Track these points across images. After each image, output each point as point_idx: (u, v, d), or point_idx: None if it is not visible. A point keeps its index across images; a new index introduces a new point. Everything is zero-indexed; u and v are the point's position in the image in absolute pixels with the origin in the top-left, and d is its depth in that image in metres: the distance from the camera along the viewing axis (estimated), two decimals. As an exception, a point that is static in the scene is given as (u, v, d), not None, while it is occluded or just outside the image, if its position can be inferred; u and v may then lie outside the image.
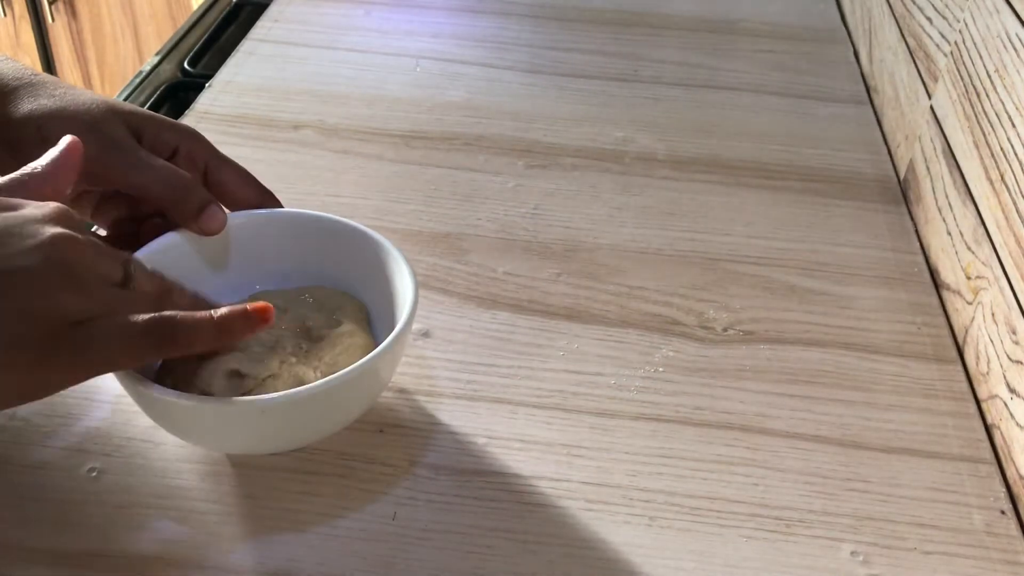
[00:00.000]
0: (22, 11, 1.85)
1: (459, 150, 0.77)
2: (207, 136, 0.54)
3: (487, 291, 0.63)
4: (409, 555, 0.46)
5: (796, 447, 0.53)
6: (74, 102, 0.50)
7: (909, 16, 0.81)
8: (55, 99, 0.50)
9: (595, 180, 0.74)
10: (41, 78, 0.52)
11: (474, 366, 0.57)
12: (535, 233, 0.68)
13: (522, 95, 0.85)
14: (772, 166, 0.77)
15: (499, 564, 0.46)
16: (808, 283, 0.65)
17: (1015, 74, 0.58)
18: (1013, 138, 0.58)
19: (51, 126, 0.49)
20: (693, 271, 0.66)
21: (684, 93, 0.87)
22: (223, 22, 0.98)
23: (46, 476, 0.49)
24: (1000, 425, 0.54)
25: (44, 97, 0.50)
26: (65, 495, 0.48)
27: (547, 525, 0.48)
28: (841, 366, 0.59)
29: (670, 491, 0.50)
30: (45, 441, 0.51)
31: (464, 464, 0.51)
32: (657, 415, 0.55)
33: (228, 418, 0.45)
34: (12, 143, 0.50)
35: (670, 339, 0.60)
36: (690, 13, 1.01)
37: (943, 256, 0.66)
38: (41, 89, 0.51)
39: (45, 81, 0.52)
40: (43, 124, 0.49)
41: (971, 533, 0.49)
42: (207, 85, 0.83)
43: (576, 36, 0.95)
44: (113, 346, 0.40)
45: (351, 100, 0.82)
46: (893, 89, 0.82)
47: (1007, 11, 0.61)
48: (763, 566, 0.47)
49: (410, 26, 0.95)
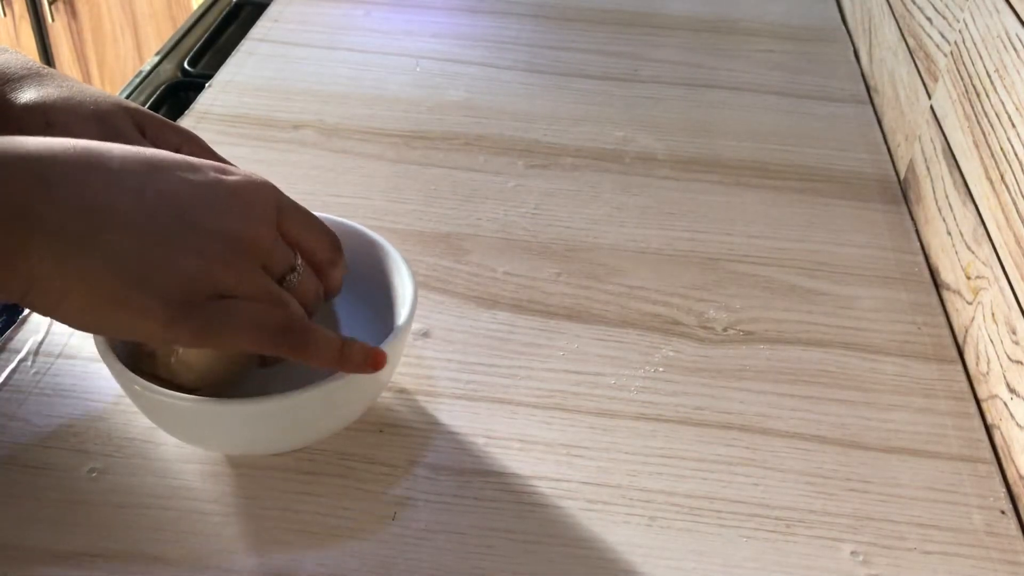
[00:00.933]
0: (22, 11, 1.85)
1: (459, 150, 0.77)
2: (207, 136, 0.54)
3: (487, 291, 0.63)
4: (409, 555, 0.46)
5: (796, 447, 0.53)
6: (81, 93, 0.50)
7: (909, 16, 0.81)
8: (63, 89, 0.50)
9: (595, 180, 0.74)
10: (48, 70, 0.52)
11: (474, 366, 0.57)
12: (535, 233, 0.68)
13: (522, 95, 0.85)
14: (772, 166, 0.77)
15: (499, 564, 0.46)
16: (808, 283, 0.65)
17: (1015, 74, 0.58)
18: (1013, 138, 0.58)
19: (58, 115, 0.49)
20: (693, 271, 0.66)
21: (684, 93, 0.87)
22: (223, 22, 0.98)
23: (46, 476, 0.49)
24: (1000, 425, 0.54)
25: (51, 87, 0.50)
26: (65, 495, 0.48)
27: (547, 525, 0.48)
28: (841, 366, 0.59)
29: (670, 491, 0.50)
30: (45, 441, 0.51)
31: (464, 464, 0.51)
32: (657, 415, 0.55)
33: (227, 419, 0.45)
34: (18, 131, 0.50)
35: (670, 339, 0.60)
36: (690, 13, 1.01)
37: (943, 256, 0.66)
38: (49, 80, 0.51)
39: (53, 73, 0.52)
40: (49, 112, 0.49)
41: (971, 533, 0.49)
42: (207, 85, 0.83)
43: (576, 36, 0.95)
44: (243, 332, 0.41)
45: (351, 100, 0.82)
46: (893, 89, 0.82)
47: (1007, 11, 0.61)
48: (763, 566, 0.47)
49: (410, 26, 0.95)
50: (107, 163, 0.39)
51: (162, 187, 0.40)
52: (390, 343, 0.46)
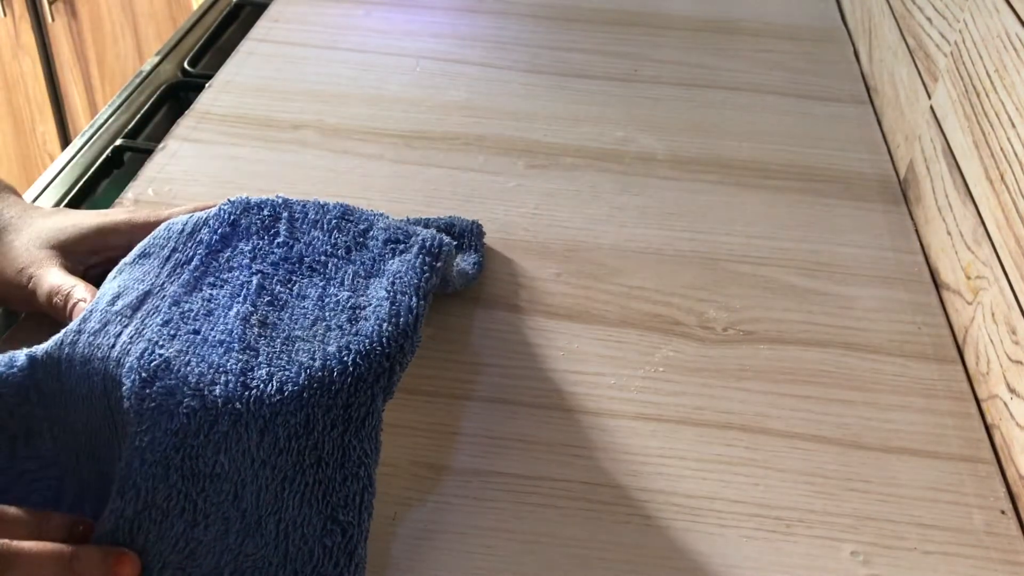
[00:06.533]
0: (22, 11, 1.85)
1: (459, 150, 0.77)
2: (207, 136, 0.53)
3: (487, 291, 0.63)
4: (409, 555, 0.46)
5: (796, 447, 0.53)
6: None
7: (909, 16, 0.81)
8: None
9: (595, 180, 0.74)
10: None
11: (474, 366, 0.57)
12: (535, 233, 0.68)
13: (522, 95, 0.85)
14: (772, 166, 0.77)
15: (499, 564, 0.46)
16: (808, 283, 0.65)
17: (1015, 74, 0.58)
18: (1013, 138, 0.58)
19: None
20: (693, 271, 0.66)
21: (684, 93, 0.87)
22: (223, 22, 0.98)
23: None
24: (1000, 425, 0.54)
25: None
26: (65, 495, 0.48)
27: (547, 525, 0.48)
28: (841, 366, 0.59)
29: (670, 491, 0.50)
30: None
31: (464, 464, 0.51)
32: (657, 415, 0.55)
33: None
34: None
35: (670, 339, 0.60)
36: (690, 13, 1.01)
37: (943, 256, 0.66)
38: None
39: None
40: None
41: (971, 533, 0.49)
42: (207, 85, 0.83)
43: (576, 36, 0.95)
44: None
45: (351, 100, 0.82)
46: (893, 89, 0.82)
47: (1007, 11, 0.61)
48: (763, 566, 0.47)
49: (410, 26, 0.95)
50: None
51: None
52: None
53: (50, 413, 0.46)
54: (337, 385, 0.44)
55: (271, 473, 0.43)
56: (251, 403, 0.42)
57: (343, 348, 0.45)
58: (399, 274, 0.51)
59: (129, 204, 0.68)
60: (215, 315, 0.46)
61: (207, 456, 0.42)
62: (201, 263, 0.49)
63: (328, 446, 0.43)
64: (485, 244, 0.65)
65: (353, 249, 0.52)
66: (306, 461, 0.43)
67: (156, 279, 0.48)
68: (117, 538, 0.41)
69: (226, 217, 0.52)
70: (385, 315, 0.47)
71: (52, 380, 0.45)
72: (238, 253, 0.50)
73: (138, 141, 0.78)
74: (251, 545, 0.42)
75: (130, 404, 0.42)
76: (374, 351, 0.45)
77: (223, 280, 0.49)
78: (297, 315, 0.48)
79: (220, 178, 0.71)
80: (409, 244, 0.53)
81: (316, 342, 0.46)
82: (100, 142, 0.77)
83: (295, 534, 0.43)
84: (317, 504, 0.43)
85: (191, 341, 0.45)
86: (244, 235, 0.51)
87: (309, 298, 0.49)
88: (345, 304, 0.49)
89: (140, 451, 0.41)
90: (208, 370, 0.43)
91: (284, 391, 0.43)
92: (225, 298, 0.48)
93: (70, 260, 0.54)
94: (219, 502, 0.42)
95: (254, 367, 0.44)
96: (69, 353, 0.45)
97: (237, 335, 0.45)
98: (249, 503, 0.42)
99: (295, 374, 0.44)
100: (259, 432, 0.42)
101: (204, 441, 0.42)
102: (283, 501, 0.43)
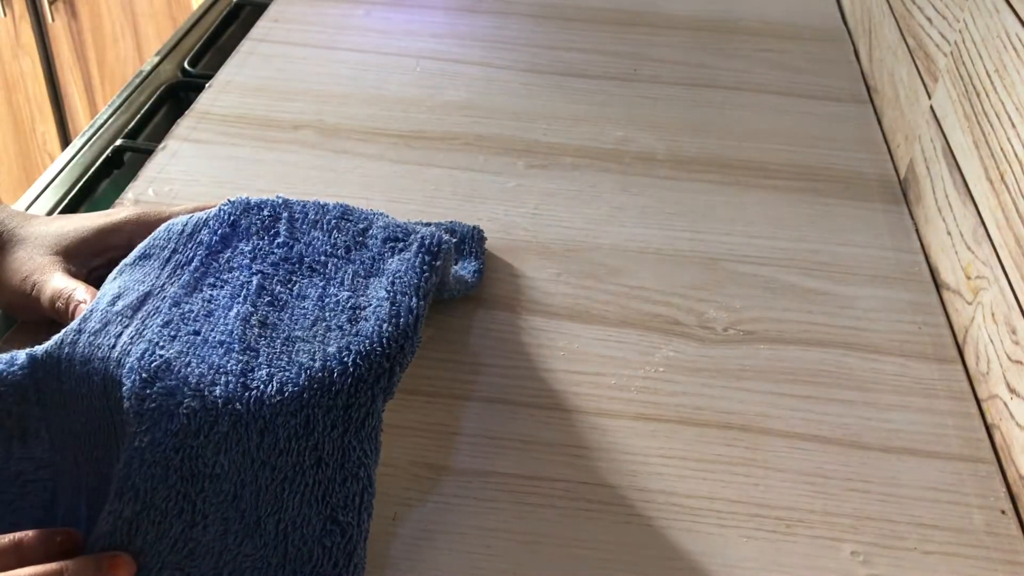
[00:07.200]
0: (22, 11, 1.85)
1: (459, 150, 0.77)
2: (207, 136, 0.54)
3: (487, 291, 0.63)
4: (409, 555, 0.46)
5: (796, 447, 0.53)
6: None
7: (909, 16, 0.81)
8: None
9: (595, 180, 0.74)
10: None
11: (474, 366, 0.57)
12: (535, 233, 0.68)
13: (522, 95, 0.85)
14: (772, 166, 0.77)
15: (499, 564, 0.46)
16: (808, 283, 0.65)
17: (1015, 74, 0.58)
18: (1013, 138, 0.58)
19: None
20: (693, 271, 0.66)
21: (684, 93, 0.87)
22: (223, 22, 0.98)
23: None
24: (1000, 425, 0.54)
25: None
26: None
27: (547, 525, 0.48)
28: (841, 366, 0.59)
29: (670, 491, 0.50)
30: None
31: (464, 464, 0.51)
32: (657, 415, 0.55)
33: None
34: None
35: (670, 339, 0.60)
36: (690, 13, 1.01)
37: (943, 256, 0.66)
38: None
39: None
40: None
41: (971, 533, 0.49)
42: (207, 85, 0.83)
43: (576, 36, 0.95)
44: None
45: (351, 100, 0.82)
46: (893, 89, 0.82)
47: (1007, 11, 0.61)
48: (763, 566, 0.47)
49: (410, 26, 0.95)
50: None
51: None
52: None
53: (48, 413, 0.46)
54: (337, 386, 0.44)
55: (271, 474, 0.43)
56: (251, 404, 0.42)
57: (343, 349, 0.45)
58: (399, 274, 0.51)
59: (129, 204, 0.68)
60: (215, 316, 0.46)
61: (207, 457, 0.42)
62: (201, 264, 0.49)
63: (328, 447, 0.43)
64: (485, 248, 0.65)
65: (353, 249, 0.52)
66: (306, 462, 0.43)
67: (156, 280, 0.48)
68: (115, 539, 0.41)
69: (226, 218, 0.52)
70: (385, 315, 0.47)
71: (52, 380, 0.45)
72: (238, 254, 0.50)
73: (138, 141, 0.78)
74: (250, 545, 0.42)
75: (130, 404, 0.42)
76: (374, 352, 0.45)
77: (223, 281, 0.49)
78: (297, 315, 0.48)
79: (220, 178, 0.71)
80: (408, 242, 0.53)
81: (316, 342, 0.46)
82: (100, 142, 0.77)
83: (295, 535, 0.43)
84: (317, 505, 0.43)
85: (191, 342, 0.45)
86: (244, 235, 0.51)
87: (309, 298, 0.49)
88: (345, 304, 0.49)
89: (140, 451, 0.41)
90: (208, 371, 0.43)
91: (284, 392, 0.43)
92: (225, 299, 0.48)
93: (73, 264, 0.54)
94: (218, 503, 0.42)
95: (254, 368, 0.44)
96: (69, 353, 0.45)
97: (237, 336, 0.45)
98: (248, 503, 0.42)
99: (295, 375, 0.44)
100: (259, 433, 0.42)
101: (204, 442, 0.42)
102: (283, 502, 0.43)
